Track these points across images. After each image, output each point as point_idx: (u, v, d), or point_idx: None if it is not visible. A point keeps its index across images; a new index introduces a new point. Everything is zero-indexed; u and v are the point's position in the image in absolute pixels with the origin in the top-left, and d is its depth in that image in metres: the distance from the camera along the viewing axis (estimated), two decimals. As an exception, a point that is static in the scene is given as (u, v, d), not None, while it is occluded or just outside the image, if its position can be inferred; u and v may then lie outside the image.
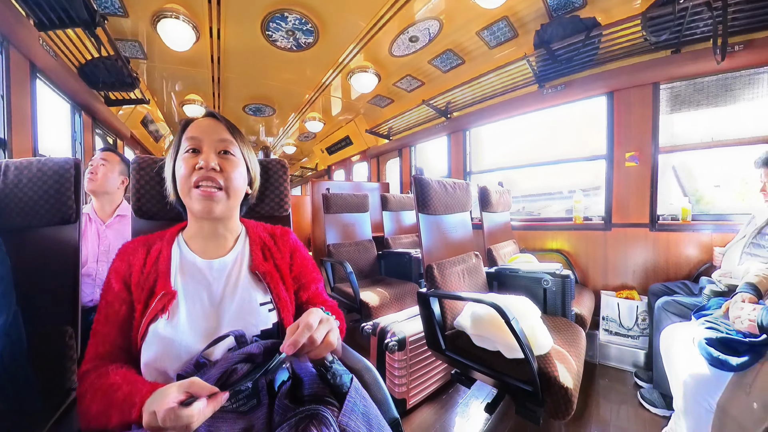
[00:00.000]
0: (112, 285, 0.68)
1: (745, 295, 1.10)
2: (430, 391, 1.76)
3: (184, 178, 0.68)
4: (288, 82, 3.35)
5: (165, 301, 0.63)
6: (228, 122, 0.76)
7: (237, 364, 0.58)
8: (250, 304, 0.69)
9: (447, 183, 1.68)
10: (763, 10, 1.63)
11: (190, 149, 0.70)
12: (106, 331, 0.65)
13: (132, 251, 0.72)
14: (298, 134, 5.27)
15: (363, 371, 0.76)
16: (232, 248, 0.77)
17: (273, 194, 1.01)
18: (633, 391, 1.80)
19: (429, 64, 2.92)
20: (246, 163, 0.76)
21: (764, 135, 1.87)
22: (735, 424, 0.86)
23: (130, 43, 2.56)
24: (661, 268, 2.12)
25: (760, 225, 1.53)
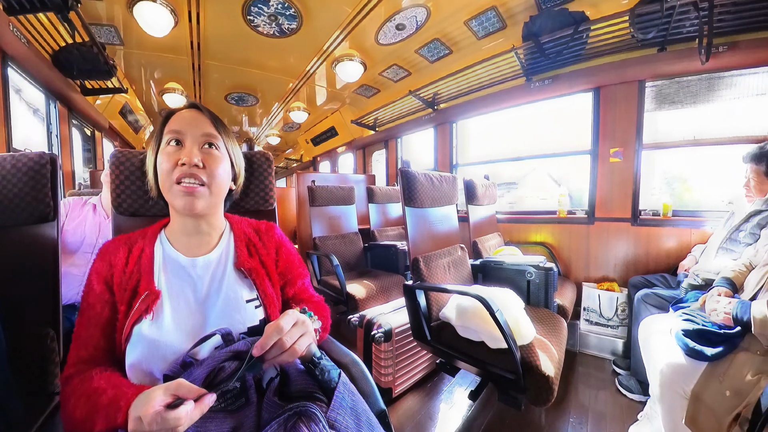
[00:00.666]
0: (93, 286, 0.66)
1: (722, 289, 1.16)
2: (416, 379, 1.80)
3: (166, 173, 0.65)
4: (271, 70, 3.26)
5: (149, 301, 0.62)
6: (212, 114, 0.72)
7: (224, 362, 0.57)
8: (236, 301, 0.68)
9: (433, 176, 1.68)
10: (748, 13, 1.66)
11: (172, 142, 0.67)
12: (89, 334, 0.63)
13: (113, 251, 0.69)
14: (282, 124, 5.17)
15: (350, 365, 0.77)
16: (216, 245, 0.75)
17: (258, 188, 0.98)
18: (611, 377, 1.88)
19: (416, 54, 2.89)
20: (230, 157, 0.74)
21: (745, 135, 1.93)
22: (708, 410, 0.90)
23: (106, 28, 2.44)
24: (642, 261, 2.20)
25: (737, 222, 1.58)
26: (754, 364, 0.89)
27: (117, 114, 3.99)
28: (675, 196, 2.36)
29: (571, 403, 1.67)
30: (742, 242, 1.51)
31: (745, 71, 1.89)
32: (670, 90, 2.12)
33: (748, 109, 1.94)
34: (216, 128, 0.71)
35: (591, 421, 1.54)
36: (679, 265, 1.84)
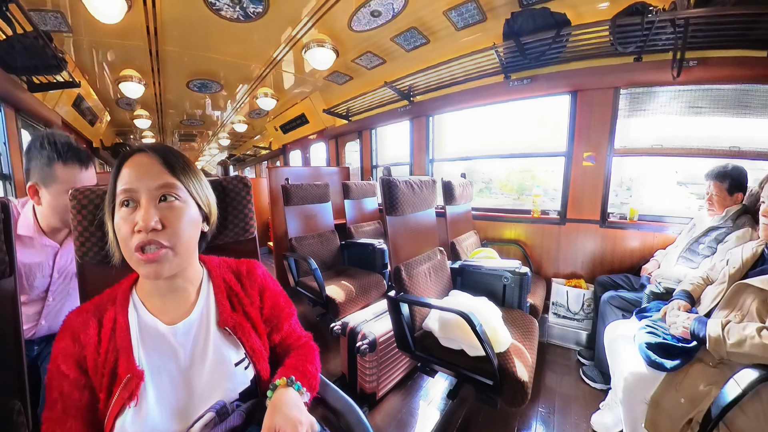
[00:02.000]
0: (62, 371, 0.56)
1: (681, 302, 1.26)
2: (397, 381, 1.86)
3: (124, 241, 0.57)
4: (235, 56, 3.03)
5: (132, 386, 0.54)
6: (167, 155, 0.62)
7: None
8: (224, 367, 0.63)
9: (414, 183, 1.68)
10: (718, 32, 1.73)
11: (124, 203, 0.58)
12: (67, 427, 0.53)
13: (81, 327, 0.60)
14: (248, 110, 4.88)
15: (346, 412, 0.76)
16: (195, 302, 0.68)
17: (236, 218, 0.89)
18: (576, 366, 2.05)
19: (392, 42, 2.76)
20: (196, 200, 0.65)
21: (708, 148, 2.06)
22: (665, 415, 1.01)
23: (51, 14, 2.15)
24: (608, 260, 2.34)
25: (697, 234, 1.72)
26: (707, 376, 1.00)
27: (70, 106, 3.59)
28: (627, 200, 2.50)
29: (540, 391, 1.81)
30: (701, 254, 1.65)
31: (712, 87, 2.00)
32: (643, 99, 2.20)
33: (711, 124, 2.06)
34: (173, 173, 0.61)
35: (558, 409, 1.68)
36: (642, 268, 1.98)
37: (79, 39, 2.53)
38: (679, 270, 1.67)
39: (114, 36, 2.53)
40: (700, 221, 1.79)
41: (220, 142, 7.17)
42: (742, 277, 1.10)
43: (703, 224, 1.73)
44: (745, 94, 1.94)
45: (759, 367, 0.90)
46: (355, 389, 1.73)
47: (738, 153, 1.96)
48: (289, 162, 6.04)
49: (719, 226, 1.63)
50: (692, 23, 1.68)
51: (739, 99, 1.96)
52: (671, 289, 1.47)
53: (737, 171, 1.66)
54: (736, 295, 1.09)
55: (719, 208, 1.69)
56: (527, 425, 1.59)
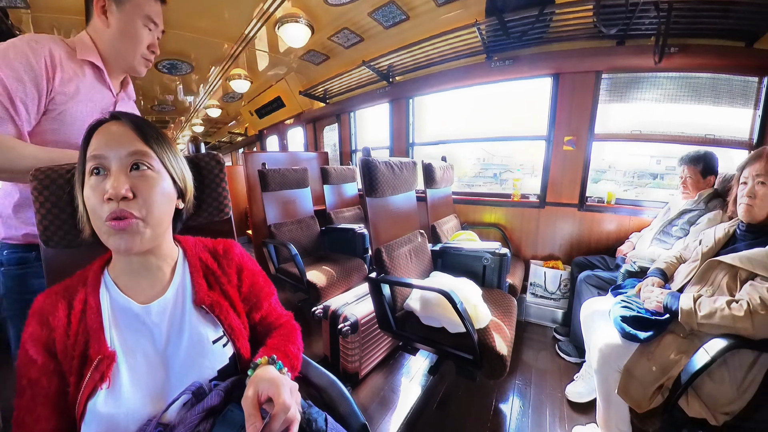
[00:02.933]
0: (31, 357, 0.54)
1: (655, 279, 1.32)
2: (379, 360, 1.88)
3: (94, 211, 0.54)
4: (204, 33, 2.83)
5: (103, 368, 0.52)
6: (139, 123, 0.59)
7: (199, 425, 0.52)
8: (201, 344, 0.61)
9: (394, 164, 1.66)
10: (700, 19, 1.76)
11: (94, 171, 0.55)
12: (36, 415, 0.51)
13: (50, 309, 0.57)
14: (222, 94, 4.65)
15: (328, 387, 0.76)
16: (170, 281, 0.65)
17: (210, 198, 0.83)
18: (552, 342, 2.13)
19: (369, 17, 2.63)
20: (170, 173, 0.62)
21: (684, 135, 2.13)
22: (637, 382, 1.06)
23: None
24: (585, 242, 2.41)
25: (671, 216, 1.79)
26: (677, 346, 1.05)
27: None
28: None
29: (517, 366, 1.88)
30: (674, 235, 1.72)
31: (690, 75, 2.05)
32: (624, 83, 2.23)
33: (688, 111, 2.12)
34: (146, 141, 0.58)
35: (534, 381, 1.76)
36: (618, 249, 2.05)
37: (38, 16, 2.31)
38: (653, 250, 1.74)
39: (74, 12, 2.30)
40: (674, 205, 1.85)
41: (194, 129, 6.85)
42: (714, 256, 1.15)
43: (677, 208, 1.80)
44: (721, 83, 2.01)
45: (727, 337, 0.95)
46: (338, 370, 1.74)
47: (713, 141, 2.04)
48: (266, 148, 5.86)
49: (692, 209, 1.69)
50: (675, 8, 1.69)
51: (715, 88, 2.02)
52: (645, 268, 1.53)
53: (710, 155, 1.74)
54: (708, 272, 1.14)
55: (693, 191, 1.76)
56: (505, 397, 1.65)
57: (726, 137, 2.05)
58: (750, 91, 1.96)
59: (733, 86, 1.99)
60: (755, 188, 1.07)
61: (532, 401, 1.62)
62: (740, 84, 1.97)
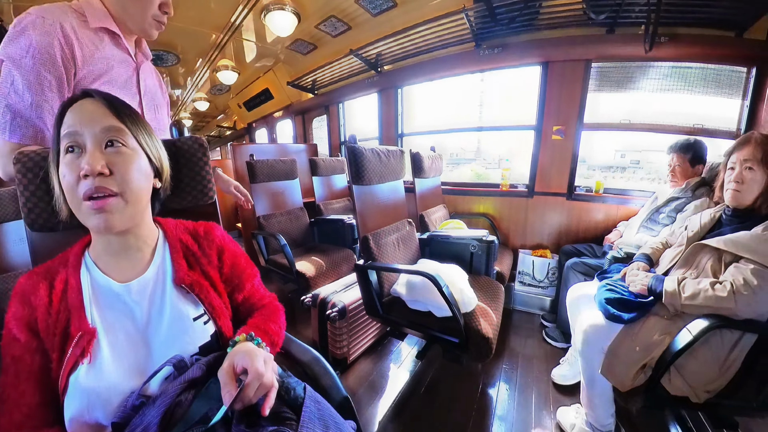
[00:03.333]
0: (15, 336, 0.55)
1: (640, 263, 1.33)
2: (368, 345, 1.88)
3: (70, 189, 0.54)
4: (190, 21, 2.77)
5: (83, 343, 0.53)
6: (112, 100, 0.59)
7: (180, 396, 0.52)
8: (182, 321, 0.62)
9: (381, 151, 1.65)
10: (690, 7, 1.76)
11: (68, 149, 0.54)
12: (20, 391, 0.53)
13: (31, 289, 0.58)
14: (209, 86, 4.57)
15: (312, 363, 0.77)
16: (150, 261, 0.65)
17: (193, 181, 0.83)
18: (539, 328, 2.15)
19: (357, 4, 2.57)
20: (146, 152, 0.61)
21: (674, 125, 2.15)
22: (620, 362, 1.07)
23: None
24: (573, 231, 2.43)
25: (658, 204, 1.80)
26: (661, 327, 1.06)
27: None
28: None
29: (504, 352, 1.90)
30: (661, 223, 1.73)
31: (679, 64, 2.06)
32: (613, 72, 2.23)
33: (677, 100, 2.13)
34: (120, 118, 0.58)
35: (521, 365, 1.78)
36: (605, 238, 2.07)
37: (19, 5, 2.25)
38: (640, 237, 1.76)
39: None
40: (662, 194, 1.87)
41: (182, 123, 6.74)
42: (700, 240, 1.15)
43: (664, 196, 1.81)
44: (711, 73, 2.02)
45: (710, 318, 0.96)
46: (326, 356, 1.75)
47: (701, 130, 2.06)
48: (255, 141, 5.80)
49: (679, 197, 1.71)
50: None
51: (705, 78, 2.04)
52: (632, 254, 1.55)
53: (699, 144, 1.74)
54: (693, 255, 1.15)
55: (682, 179, 1.77)
56: (492, 381, 1.66)
57: (714, 127, 2.07)
58: (738, 82, 1.97)
59: (722, 76, 2.01)
60: (743, 173, 1.06)
61: (519, 384, 1.64)
62: (729, 74, 1.99)
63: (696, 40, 1.91)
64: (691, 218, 1.32)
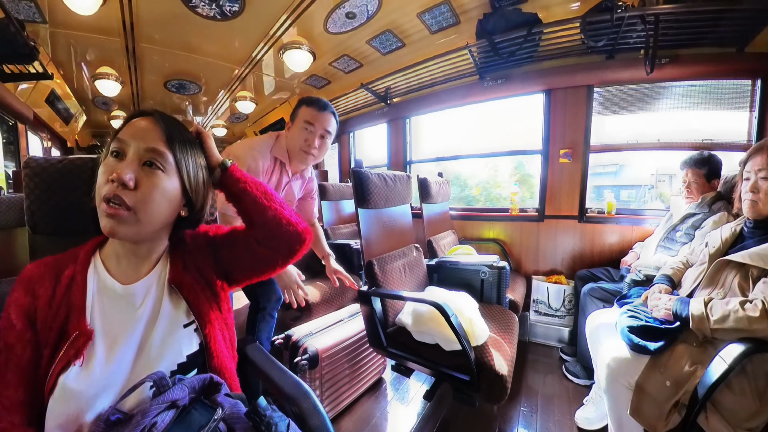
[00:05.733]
0: (12, 322, 0.55)
1: (662, 285, 1.24)
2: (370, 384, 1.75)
3: (98, 187, 0.57)
4: (214, 56, 2.99)
5: (79, 344, 0.52)
6: (170, 124, 0.62)
7: (158, 417, 0.48)
8: (174, 326, 0.62)
9: (387, 176, 1.64)
10: (688, 30, 1.79)
11: (113, 152, 0.58)
12: (5, 381, 0.52)
13: (38, 279, 0.59)
14: (228, 114, 4.81)
15: (300, 398, 0.69)
16: (154, 267, 0.66)
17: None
18: (558, 363, 1.99)
19: (367, 45, 2.77)
20: (182, 178, 0.62)
21: (682, 141, 2.12)
22: (650, 400, 0.96)
23: (24, 2, 2.06)
24: (587, 255, 2.34)
25: (674, 222, 1.72)
26: (691, 355, 0.96)
27: (43, 102, 3.44)
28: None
29: (521, 391, 1.74)
30: (679, 241, 1.65)
31: (684, 83, 2.06)
32: (617, 96, 2.25)
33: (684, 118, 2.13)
34: (168, 143, 0.60)
35: (540, 407, 1.61)
36: (622, 261, 1.97)
37: (54, 31, 2.45)
38: (659, 257, 1.66)
39: (89, 30, 2.46)
40: (676, 210, 1.80)
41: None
42: (723, 256, 1.08)
43: (679, 213, 1.73)
44: (715, 88, 2.01)
45: (744, 342, 0.87)
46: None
47: (711, 145, 2.02)
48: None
49: (696, 213, 1.63)
50: (662, 20, 1.71)
51: (709, 93, 2.03)
52: (651, 276, 1.45)
53: (715, 158, 1.69)
54: (717, 273, 1.07)
55: (698, 194, 1.69)
56: (509, 426, 1.51)
57: (724, 141, 2.03)
58: (744, 94, 1.96)
59: (727, 90, 1.99)
60: (758, 183, 1.02)
61: (539, 430, 1.48)
62: (734, 88, 1.98)
63: (697, 59, 1.93)
64: (711, 234, 1.25)
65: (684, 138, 2.13)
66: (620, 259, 2.02)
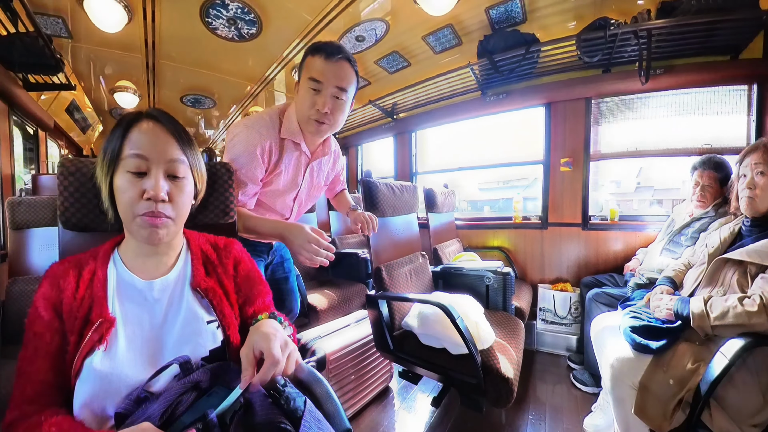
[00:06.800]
0: (40, 313, 0.59)
1: (664, 287, 1.26)
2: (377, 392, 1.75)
3: (129, 204, 0.60)
4: (229, 73, 3.14)
5: (102, 330, 0.56)
6: (176, 127, 0.66)
7: (182, 395, 0.52)
8: (196, 323, 0.64)
9: (394, 186, 1.70)
10: (681, 42, 1.85)
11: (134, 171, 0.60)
12: (35, 367, 0.56)
13: (62, 274, 0.62)
14: (240, 129, 4.97)
15: (313, 384, 0.72)
16: (173, 265, 0.70)
17: (217, 201, 0.91)
18: (566, 372, 1.98)
19: (375, 65, 2.92)
20: (194, 176, 0.69)
21: (681, 148, 2.17)
22: (654, 399, 0.97)
23: (53, 19, 2.23)
24: (592, 262, 2.36)
25: (678, 227, 1.72)
26: (693, 353, 0.98)
27: (63, 111, 3.61)
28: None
29: (529, 400, 1.73)
30: (684, 245, 1.64)
31: (679, 91, 2.12)
32: (615, 106, 2.33)
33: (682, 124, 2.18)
34: (182, 148, 0.65)
35: (549, 416, 1.60)
36: (625, 266, 1.99)
37: (78, 46, 2.61)
38: (662, 261, 1.66)
39: (112, 46, 2.61)
40: (678, 215, 1.80)
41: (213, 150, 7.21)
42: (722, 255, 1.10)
43: (681, 218, 1.74)
44: (713, 94, 2.06)
45: (744, 336, 0.89)
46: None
47: (710, 150, 2.02)
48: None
49: (701, 217, 1.63)
50: (655, 34, 1.78)
51: (706, 99, 2.08)
52: (654, 279, 1.46)
53: (727, 163, 1.63)
54: (717, 271, 1.09)
55: (710, 200, 1.63)
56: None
57: (723, 146, 2.05)
58: (740, 99, 2.00)
59: (724, 96, 2.04)
60: (755, 179, 1.04)
61: (547, 438, 1.47)
62: (730, 93, 2.02)
63: (692, 69, 1.98)
64: (710, 234, 1.27)
65: (684, 144, 2.17)
66: (624, 265, 2.03)
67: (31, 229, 1.70)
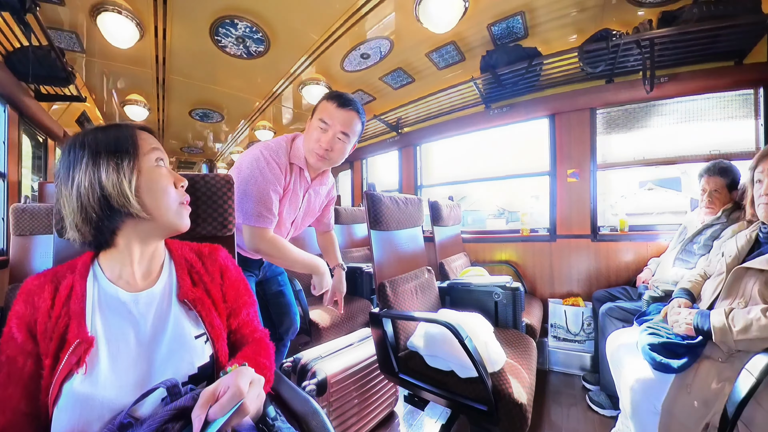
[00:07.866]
0: (13, 335, 0.55)
1: (681, 300, 1.19)
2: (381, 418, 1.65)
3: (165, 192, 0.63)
4: (237, 89, 3.22)
5: (80, 351, 0.52)
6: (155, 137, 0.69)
7: (168, 423, 0.48)
8: (184, 338, 0.62)
9: (399, 199, 1.67)
10: (684, 49, 1.85)
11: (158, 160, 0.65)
12: (6, 395, 0.52)
13: (37, 290, 0.59)
14: (247, 142, 5.05)
15: (309, 416, 0.67)
16: (158, 277, 0.67)
17: (215, 213, 0.89)
18: (581, 393, 1.88)
19: (380, 81, 2.96)
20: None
21: (689, 155, 2.14)
22: (678, 424, 0.90)
23: (67, 33, 2.30)
24: (603, 275, 2.29)
25: (690, 235, 1.68)
26: (718, 372, 0.91)
27: (73, 122, 3.71)
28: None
29: (544, 426, 1.64)
30: (697, 253, 1.59)
31: (684, 99, 2.11)
32: (620, 116, 2.32)
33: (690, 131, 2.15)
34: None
35: (565, 444, 1.51)
36: (637, 278, 1.92)
37: (90, 60, 2.69)
38: (676, 272, 1.60)
39: (124, 61, 2.70)
40: (689, 223, 1.75)
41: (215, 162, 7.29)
42: (740, 264, 1.05)
43: (693, 226, 1.69)
44: (719, 100, 2.04)
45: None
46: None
47: (718, 156, 2.01)
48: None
49: (713, 224, 1.59)
50: (658, 43, 1.77)
51: (712, 105, 2.06)
52: (670, 291, 1.40)
53: (735, 168, 1.62)
54: (736, 282, 1.03)
55: (719, 207, 1.62)
56: (531, 462, 1.41)
57: (732, 151, 2.02)
58: (747, 103, 1.98)
59: (731, 101, 2.02)
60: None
61: (564, 467, 1.38)
62: (736, 98, 2.00)
63: (696, 75, 1.96)
64: (726, 243, 1.21)
65: (692, 151, 2.14)
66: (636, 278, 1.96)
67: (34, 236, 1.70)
